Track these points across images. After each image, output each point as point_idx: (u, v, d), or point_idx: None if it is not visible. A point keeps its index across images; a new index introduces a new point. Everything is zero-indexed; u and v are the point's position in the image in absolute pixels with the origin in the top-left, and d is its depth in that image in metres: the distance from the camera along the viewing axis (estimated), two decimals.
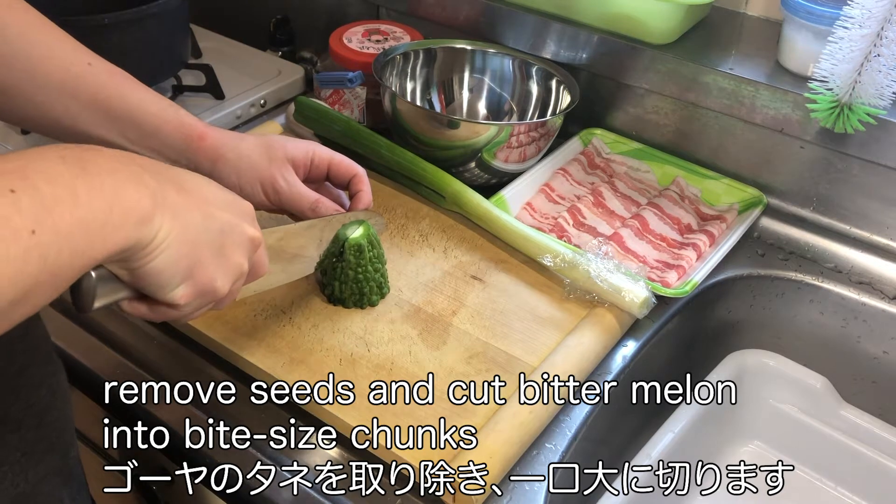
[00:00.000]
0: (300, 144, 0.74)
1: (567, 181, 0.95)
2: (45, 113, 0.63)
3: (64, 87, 0.63)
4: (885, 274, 0.85)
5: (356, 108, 1.03)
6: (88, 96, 0.64)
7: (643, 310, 0.76)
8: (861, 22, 0.76)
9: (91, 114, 0.64)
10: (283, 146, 0.73)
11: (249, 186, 0.71)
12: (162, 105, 0.68)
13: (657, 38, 0.94)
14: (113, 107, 0.65)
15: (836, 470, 0.88)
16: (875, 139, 0.83)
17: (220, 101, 1.08)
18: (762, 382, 0.90)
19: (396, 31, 1.07)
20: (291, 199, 0.72)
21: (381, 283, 0.76)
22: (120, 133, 0.66)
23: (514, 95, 1.04)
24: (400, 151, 0.91)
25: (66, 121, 0.64)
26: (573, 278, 0.78)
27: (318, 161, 0.75)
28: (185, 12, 1.04)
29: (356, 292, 0.74)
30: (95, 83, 0.64)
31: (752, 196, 0.92)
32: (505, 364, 0.71)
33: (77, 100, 0.63)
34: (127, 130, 0.66)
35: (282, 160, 0.72)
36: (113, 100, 0.65)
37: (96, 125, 0.65)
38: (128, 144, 0.66)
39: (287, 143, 0.73)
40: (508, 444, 0.63)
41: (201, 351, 0.73)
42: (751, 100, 0.89)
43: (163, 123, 0.67)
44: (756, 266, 0.87)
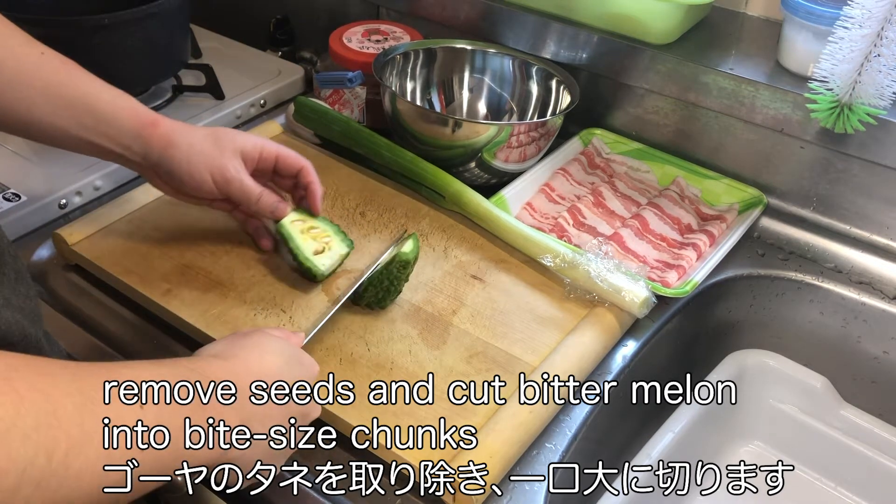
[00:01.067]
0: (250, 138, 0.76)
1: (567, 181, 0.95)
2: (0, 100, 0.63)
3: (19, 75, 0.63)
4: (885, 274, 0.85)
5: (356, 108, 1.03)
6: (42, 84, 0.64)
7: (643, 309, 0.76)
8: (861, 22, 0.76)
9: (46, 102, 0.65)
10: (233, 138, 0.75)
11: (199, 174, 0.72)
12: (115, 93, 0.69)
13: (657, 38, 0.94)
14: (68, 94, 0.66)
15: (836, 470, 0.88)
16: (875, 139, 0.83)
17: (220, 101, 1.08)
18: (762, 382, 0.90)
19: (396, 31, 1.07)
20: (241, 189, 0.74)
21: (400, 291, 0.76)
22: (75, 120, 0.66)
23: (514, 95, 1.04)
24: (400, 151, 0.91)
25: (22, 110, 0.64)
26: (573, 278, 0.78)
27: (267, 154, 0.76)
28: (185, 12, 1.04)
29: (378, 296, 0.75)
30: (49, 71, 0.65)
31: (752, 196, 0.92)
32: (505, 364, 0.71)
33: (32, 88, 0.64)
34: (82, 117, 0.66)
35: (232, 151, 0.74)
36: (68, 87, 0.66)
37: (52, 113, 0.65)
38: (82, 132, 0.67)
39: (237, 135, 0.75)
40: (508, 444, 0.63)
41: None
42: (751, 100, 0.89)
43: (117, 110, 0.68)
44: (756, 266, 0.87)
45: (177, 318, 0.74)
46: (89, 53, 0.67)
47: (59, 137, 0.67)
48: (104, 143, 0.68)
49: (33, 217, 0.87)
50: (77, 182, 0.91)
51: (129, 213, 0.85)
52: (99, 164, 0.92)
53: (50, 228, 0.87)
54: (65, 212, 0.90)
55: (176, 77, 1.09)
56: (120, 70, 0.95)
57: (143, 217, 0.85)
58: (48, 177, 0.91)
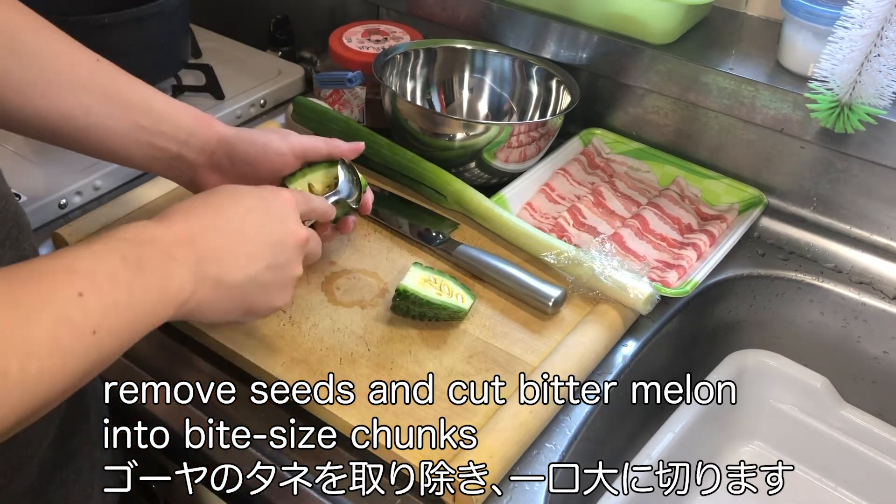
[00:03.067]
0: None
1: (567, 181, 0.95)
2: (57, 107, 0.64)
3: (76, 81, 0.65)
4: (885, 274, 0.85)
5: (356, 108, 1.03)
6: (100, 88, 0.66)
7: (648, 306, 0.76)
8: (861, 22, 0.76)
9: (104, 105, 0.66)
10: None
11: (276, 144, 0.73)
12: (168, 97, 0.71)
13: (657, 38, 0.94)
14: (125, 97, 0.67)
15: (836, 470, 0.88)
16: (875, 139, 0.83)
17: (220, 101, 1.08)
18: (762, 382, 0.90)
19: (396, 31, 1.07)
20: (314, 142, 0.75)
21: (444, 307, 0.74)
22: (133, 122, 0.67)
23: (514, 95, 1.04)
24: (400, 151, 0.91)
25: (80, 115, 0.65)
26: (577, 275, 0.78)
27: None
28: (185, 12, 1.04)
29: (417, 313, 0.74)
30: (106, 76, 0.67)
31: (752, 196, 0.92)
32: (505, 364, 0.71)
33: (90, 92, 0.65)
34: (140, 118, 0.68)
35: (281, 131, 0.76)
36: (125, 91, 0.67)
37: (110, 116, 0.66)
38: (140, 134, 0.68)
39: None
40: (508, 444, 0.63)
41: (201, 351, 0.73)
42: (751, 100, 0.89)
43: (174, 108, 0.70)
44: (756, 266, 0.87)
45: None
46: None
47: (115, 142, 0.68)
48: (161, 142, 0.69)
49: (33, 217, 0.87)
50: (77, 182, 0.91)
51: (129, 212, 0.85)
52: (99, 165, 0.92)
53: (50, 228, 0.87)
54: (65, 212, 0.90)
55: (176, 77, 1.09)
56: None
57: (143, 217, 0.84)
58: (48, 177, 0.91)
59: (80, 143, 0.67)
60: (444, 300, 0.73)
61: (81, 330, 0.44)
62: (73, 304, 0.44)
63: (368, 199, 0.78)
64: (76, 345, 0.44)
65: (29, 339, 0.41)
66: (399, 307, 0.73)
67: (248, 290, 0.58)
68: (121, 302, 0.47)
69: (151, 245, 0.51)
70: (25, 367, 0.41)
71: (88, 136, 0.66)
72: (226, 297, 0.56)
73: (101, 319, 0.45)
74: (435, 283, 0.74)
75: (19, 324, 0.41)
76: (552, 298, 0.75)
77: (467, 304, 0.74)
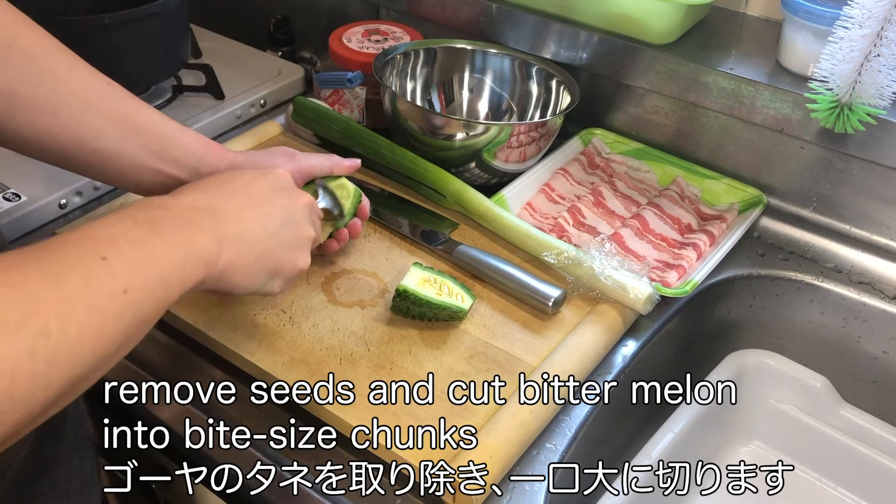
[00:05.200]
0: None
1: (567, 181, 0.95)
2: (68, 128, 0.64)
3: (87, 102, 0.65)
4: (885, 274, 0.85)
5: (356, 108, 1.03)
6: (111, 111, 0.66)
7: (647, 306, 0.76)
8: (861, 22, 0.76)
9: (115, 127, 0.66)
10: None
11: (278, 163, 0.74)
12: (177, 123, 0.71)
13: (657, 38, 0.94)
14: (136, 121, 0.67)
15: (836, 470, 0.88)
16: (875, 139, 0.83)
17: (220, 101, 1.08)
18: (762, 382, 0.90)
19: (396, 31, 1.07)
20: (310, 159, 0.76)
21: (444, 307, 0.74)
22: (143, 146, 0.67)
23: (514, 95, 1.04)
24: (400, 151, 0.91)
25: (90, 137, 0.65)
26: (577, 275, 0.78)
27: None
28: (185, 12, 1.04)
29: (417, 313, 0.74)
30: (117, 99, 0.67)
31: (752, 196, 0.92)
32: (505, 364, 0.71)
33: (101, 114, 0.65)
34: (150, 143, 0.67)
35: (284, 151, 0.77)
36: (136, 115, 0.67)
37: (120, 138, 0.66)
38: (149, 159, 0.68)
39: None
40: (508, 444, 0.63)
41: (201, 351, 0.73)
42: (751, 100, 0.89)
43: (183, 134, 0.70)
44: (756, 266, 0.87)
45: (175, 318, 0.74)
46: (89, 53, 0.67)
47: (125, 166, 0.67)
48: (170, 168, 0.68)
49: (33, 217, 0.87)
50: (77, 182, 0.91)
51: None
52: None
53: (50, 228, 0.87)
54: (65, 212, 0.90)
55: (176, 77, 1.09)
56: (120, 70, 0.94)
57: None
58: (48, 177, 0.91)
59: (90, 168, 0.67)
60: (444, 300, 0.73)
61: (111, 289, 0.45)
62: (98, 266, 0.45)
63: (365, 206, 0.81)
64: (110, 305, 0.44)
65: (61, 299, 0.42)
66: (399, 307, 0.74)
67: (269, 248, 0.60)
68: (143, 261, 0.48)
69: (164, 210, 0.53)
70: (66, 327, 0.41)
71: (100, 159, 0.66)
72: (252, 254, 0.58)
73: (128, 279, 0.46)
74: (435, 283, 0.74)
75: (49, 285, 0.42)
76: (552, 298, 0.75)
77: (467, 305, 0.74)
